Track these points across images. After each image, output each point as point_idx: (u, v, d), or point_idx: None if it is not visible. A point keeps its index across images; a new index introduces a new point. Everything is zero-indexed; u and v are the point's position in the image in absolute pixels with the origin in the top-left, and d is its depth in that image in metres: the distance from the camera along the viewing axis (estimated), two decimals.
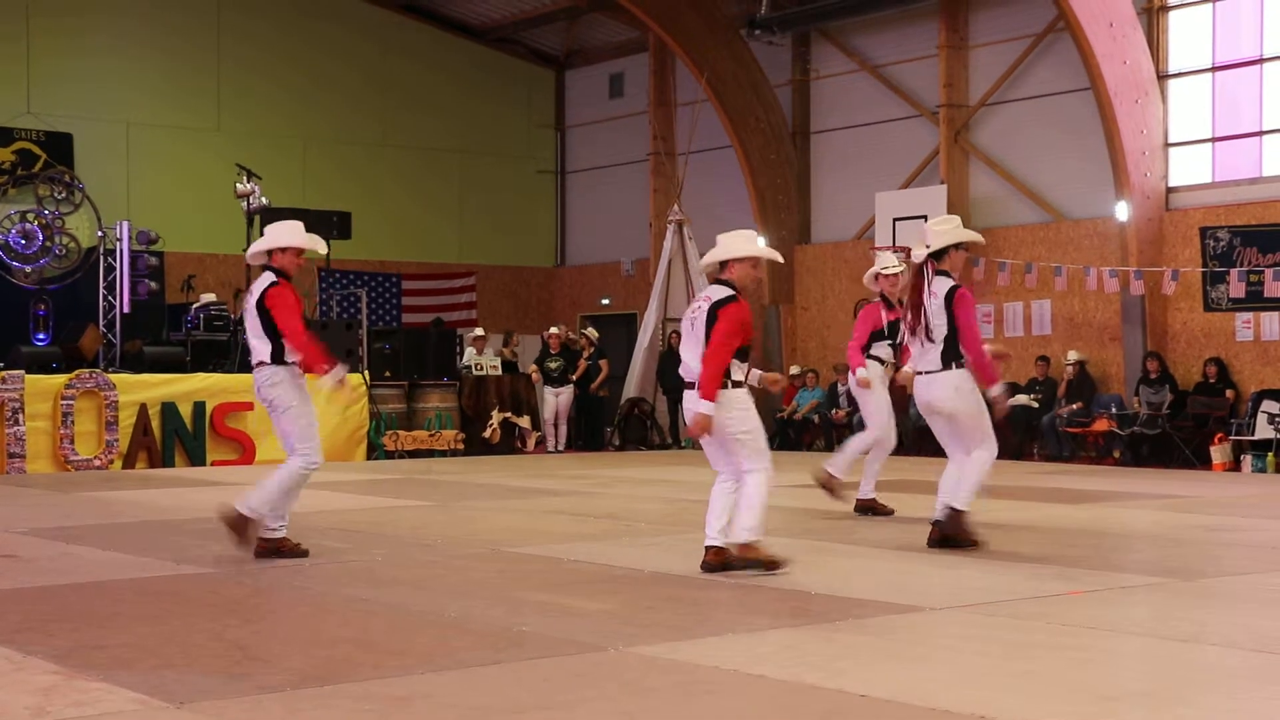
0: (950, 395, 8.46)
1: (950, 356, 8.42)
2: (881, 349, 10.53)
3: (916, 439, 18.43)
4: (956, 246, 8.56)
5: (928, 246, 8.58)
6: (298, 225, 8.39)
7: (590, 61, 25.70)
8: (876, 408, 10.52)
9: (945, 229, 8.66)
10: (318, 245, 8.42)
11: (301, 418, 8.12)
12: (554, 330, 20.32)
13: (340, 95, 23.93)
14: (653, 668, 5.27)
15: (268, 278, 8.13)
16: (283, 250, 8.17)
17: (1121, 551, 8.98)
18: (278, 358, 8.05)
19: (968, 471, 8.48)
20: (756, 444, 7.45)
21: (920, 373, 8.61)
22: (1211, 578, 7.61)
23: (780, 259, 8.37)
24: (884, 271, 10.60)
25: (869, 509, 10.47)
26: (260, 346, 8.09)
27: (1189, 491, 12.83)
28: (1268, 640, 5.79)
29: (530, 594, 6.89)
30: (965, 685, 4.97)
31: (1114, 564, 8.14)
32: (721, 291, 7.48)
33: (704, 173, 22.35)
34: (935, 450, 9.03)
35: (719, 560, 7.46)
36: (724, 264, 7.59)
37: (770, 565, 7.36)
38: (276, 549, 8.05)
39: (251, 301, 8.15)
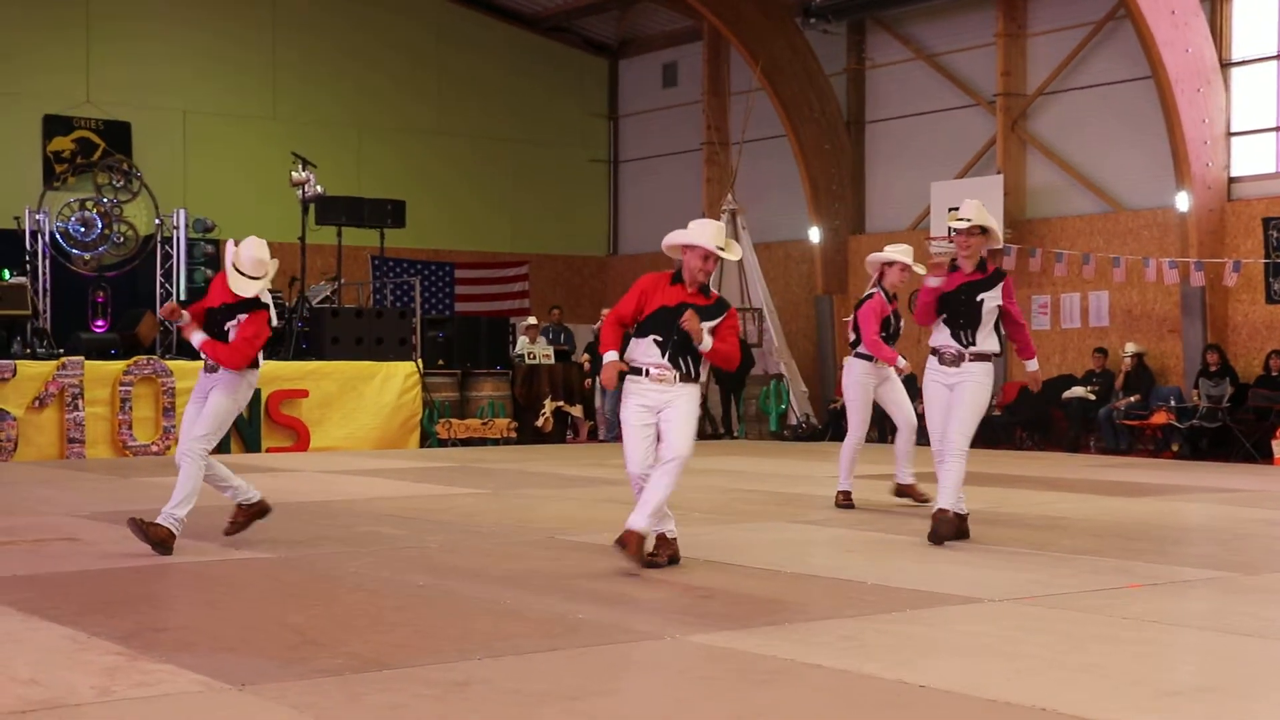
0: None
1: None
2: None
3: None
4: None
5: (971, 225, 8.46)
6: (258, 245, 8.25)
7: (644, 50, 25.67)
8: (857, 406, 10.41)
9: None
10: (242, 287, 8.22)
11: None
12: None
13: (395, 83, 24.04)
14: (709, 656, 5.27)
15: None
16: None
17: (1181, 545, 8.88)
18: None
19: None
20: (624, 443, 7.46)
21: None
22: (1273, 572, 7.50)
23: (736, 256, 7.59)
24: (915, 267, 10.29)
25: (907, 494, 10.33)
26: None
27: (1249, 485, 12.65)
28: None
29: (586, 582, 6.90)
30: (1024, 678, 4.93)
31: (1173, 558, 8.05)
32: None
33: (757, 162, 22.27)
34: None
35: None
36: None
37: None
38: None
39: None
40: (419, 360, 17.68)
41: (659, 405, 7.22)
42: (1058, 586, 6.82)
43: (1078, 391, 17.98)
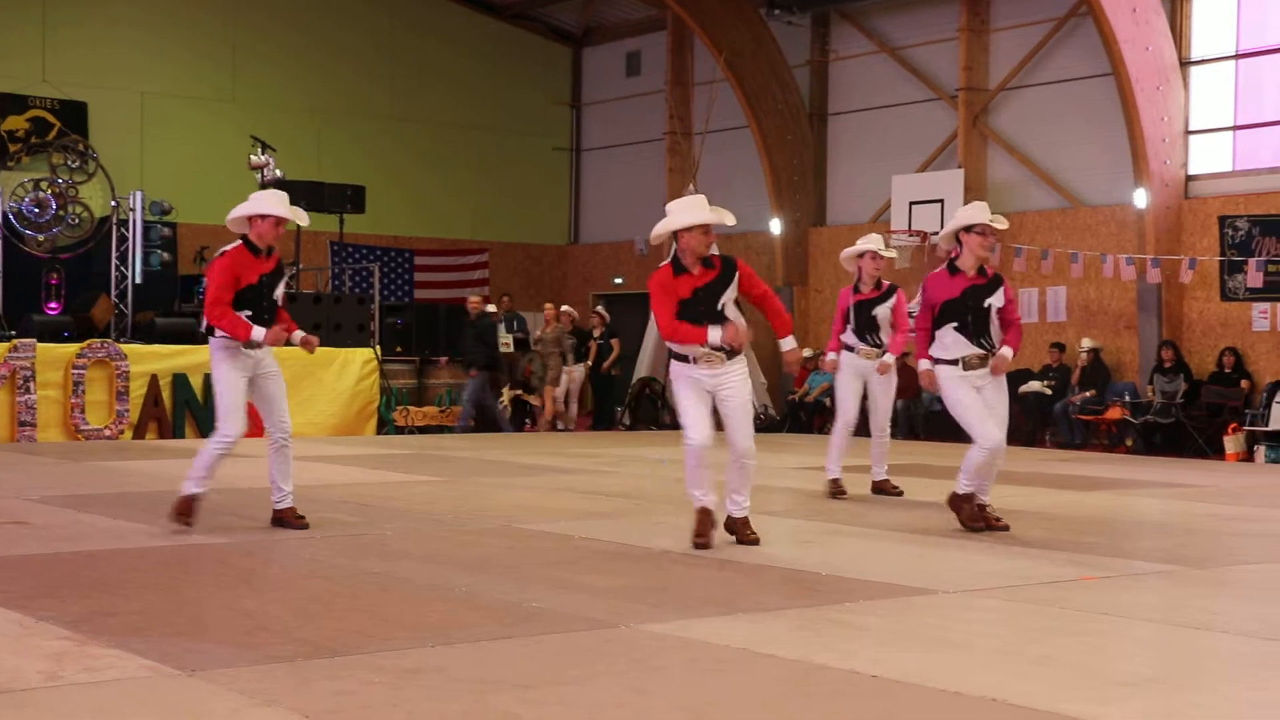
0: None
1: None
2: (847, 335, 10.42)
3: (928, 424, 18.46)
4: (967, 230, 8.52)
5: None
6: (282, 195, 8.44)
7: (608, 39, 25.61)
8: (840, 395, 10.48)
9: (960, 213, 8.63)
10: (299, 217, 8.39)
11: (223, 394, 8.11)
12: (565, 309, 20.30)
13: (356, 69, 23.89)
14: (663, 645, 5.26)
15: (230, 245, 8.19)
16: (263, 218, 8.11)
17: (1134, 539, 8.95)
18: (210, 330, 8.07)
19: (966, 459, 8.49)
20: (682, 417, 7.69)
21: None
22: (1224, 566, 7.58)
23: (732, 221, 7.76)
24: (882, 252, 10.43)
25: (841, 492, 10.37)
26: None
27: (1202, 481, 12.78)
28: None
29: (541, 570, 6.88)
30: (977, 668, 4.95)
31: (1126, 551, 8.10)
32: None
33: (720, 153, 22.28)
34: (954, 436, 8.96)
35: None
36: (675, 235, 7.48)
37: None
38: (280, 519, 8.23)
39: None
40: (377, 347, 17.59)
41: (713, 387, 7.58)
42: (1011, 578, 6.85)
43: (1034, 386, 18.10)
